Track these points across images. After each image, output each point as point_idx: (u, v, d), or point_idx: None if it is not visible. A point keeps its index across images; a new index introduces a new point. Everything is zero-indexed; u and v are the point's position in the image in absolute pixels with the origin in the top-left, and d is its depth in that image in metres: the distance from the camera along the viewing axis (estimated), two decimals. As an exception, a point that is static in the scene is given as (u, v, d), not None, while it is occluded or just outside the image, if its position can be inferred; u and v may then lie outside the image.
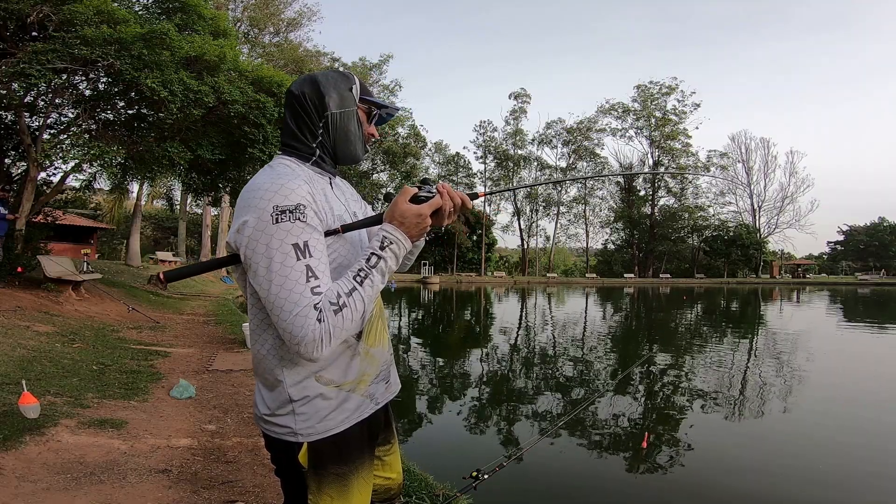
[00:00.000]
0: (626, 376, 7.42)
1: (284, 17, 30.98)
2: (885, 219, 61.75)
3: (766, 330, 14.06)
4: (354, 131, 1.15)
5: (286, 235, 0.95)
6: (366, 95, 1.17)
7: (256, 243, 0.96)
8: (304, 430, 1.04)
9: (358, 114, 1.15)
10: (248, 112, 9.59)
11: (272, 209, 0.95)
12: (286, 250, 0.94)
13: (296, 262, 0.94)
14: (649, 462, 4.34)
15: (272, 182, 0.99)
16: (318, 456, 1.05)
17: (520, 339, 12.07)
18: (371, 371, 1.13)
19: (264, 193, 0.98)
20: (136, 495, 2.59)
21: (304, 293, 0.93)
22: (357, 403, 1.10)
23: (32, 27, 8.28)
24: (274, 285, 0.94)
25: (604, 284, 45.88)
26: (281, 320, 0.94)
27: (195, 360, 6.12)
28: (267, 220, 0.95)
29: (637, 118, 55.64)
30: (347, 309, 0.95)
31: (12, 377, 4.21)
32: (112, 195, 26.20)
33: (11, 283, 8.68)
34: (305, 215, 0.97)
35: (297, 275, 0.94)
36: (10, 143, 10.33)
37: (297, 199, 0.97)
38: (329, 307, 0.94)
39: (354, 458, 1.10)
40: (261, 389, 1.10)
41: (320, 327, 0.92)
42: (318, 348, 0.93)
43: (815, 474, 4.12)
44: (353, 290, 0.96)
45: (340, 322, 0.94)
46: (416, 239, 1.06)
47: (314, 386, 1.05)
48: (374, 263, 1.00)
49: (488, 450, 4.53)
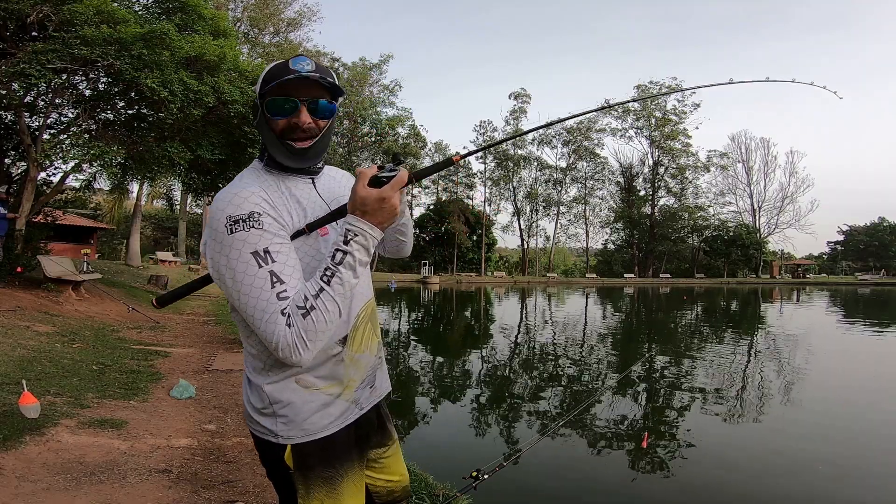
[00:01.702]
0: (625, 376, 7.42)
1: (284, 17, 31.01)
2: (885, 219, 61.79)
3: (765, 330, 14.06)
4: (266, 135, 1.05)
5: (243, 245, 0.93)
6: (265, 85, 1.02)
7: (218, 256, 0.95)
8: (285, 432, 1.04)
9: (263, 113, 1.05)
10: (248, 112, 9.58)
11: (226, 220, 0.94)
12: (246, 259, 0.93)
13: (258, 270, 0.93)
14: (649, 462, 4.34)
15: (227, 192, 0.98)
16: (302, 458, 1.04)
17: (520, 339, 12.07)
18: (356, 377, 1.11)
19: (218, 204, 0.97)
20: (136, 495, 2.59)
21: (270, 300, 0.92)
22: (342, 409, 1.08)
23: (32, 27, 8.28)
24: (242, 295, 0.93)
25: (604, 284, 45.89)
26: (255, 328, 0.94)
27: (195, 360, 6.12)
28: (223, 232, 0.94)
29: (637, 118, 55.61)
30: (317, 311, 0.91)
31: (12, 377, 4.21)
32: (112, 195, 26.20)
33: (11, 283, 8.68)
34: (261, 222, 0.95)
35: (261, 282, 0.92)
36: (10, 143, 10.34)
37: (250, 206, 0.95)
38: (297, 311, 0.91)
39: (342, 461, 1.08)
40: (246, 389, 1.10)
41: (291, 332, 0.90)
42: (296, 353, 0.91)
43: (814, 474, 4.12)
44: (321, 291, 0.92)
45: (311, 325, 0.91)
46: (385, 225, 0.97)
47: (294, 388, 1.03)
48: (339, 260, 0.94)
49: (488, 450, 4.53)
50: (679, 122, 54.51)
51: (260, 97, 1.05)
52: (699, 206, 56.17)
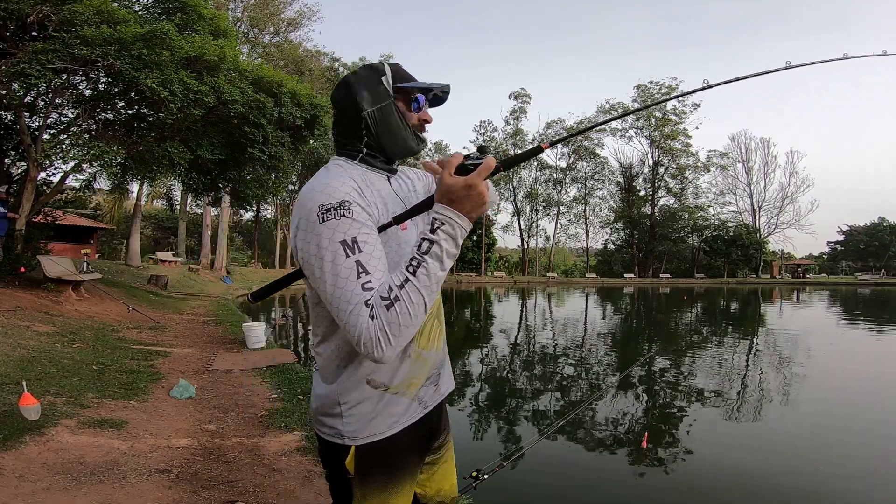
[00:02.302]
0: (625, 376, 7.42)
1: (284, 17, 30.99)
2: (885, 219, 61.76)
3: (765, 330, 14.06)
4: (396, 124, 1.09)
5: (333, 233, 0.94)
6: (401, 82, 1.11)
7: (308, 245, 0.95)
8: (350, 433, 1.04)
9: (396, 105, 1.09)
10: (248, 112, 9.60)
11: (317, 209, 0.95)
12: (335, 248, 0.93)
13: (345, 260, 0.93)
14: (649, 462, 4.34)
15: (318, 182, 1.00)
16: (363, 462, 1.05)
17: (520, 339, 12.07)
18: (421, 374, 1.11)
19: (310, 194, 0.98)
20: (136, 495, 2.59)
21: (356, 290, 0.91)
22: (405, 407, 1.08)
23: (32, 27, 8.29)
24: (328, 285, 0.93)
25: (604, 284, 45.88)
26: (340, 320, 0.93)
27: (195, 360, 6.12)
28: (314, 221, 0.95)
29: (637, 118, 55.59)
30: (401, 302, 0.89)
31: (12, 377, 4.21)
32: (112, 195, 26.21)
33: (11, 283, 8.68)
34: (351, 211, 0.96)
35: (348, 272, 0.92)
36: (10, 143, 10.34)
37: (341, 195, 0.96)
38: (380, 302, 0.90)
39: (400, 465, 1.09)
40: (316, 389, 1.11)
41: (374, 324, 0.89)
42: (377, 348, 0.89)
43: (814, 474, 4.12)
44: (406, 282, 0.91)
45: (395, 317, 0.89)
46: (473, 213, 0.95)
47: (364, 389, 1.04)
48: (425, 249, 0.92)
49: (488, 450, 4.53)
50: (679, 122, 54.51)
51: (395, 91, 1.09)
52: (699, 206, 56.15)
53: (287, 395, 4.69)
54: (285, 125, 10.69)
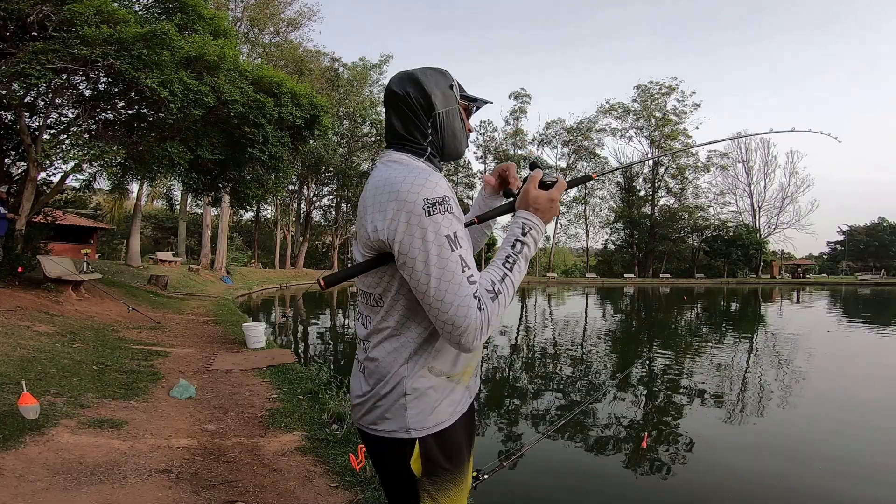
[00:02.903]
0: (625, 376, 7.42)
1: (284, 17, 30.96)
2: (885, 219, 61.77)
3: (765, 330, 14.06)
4: (459, 128, 1.16)
5: (439, 227, 0.96)
6: (463, 92, 1.19)
7: (412, 238, 0.96)
8: (416, 423, 1.04)
9: (460, 111, 1.17)
10: (248, 112, 9.59)
11: (423, 202, 0.96)
12: (441, 242, 0.95)
13: (451, 254, 0.96)
14: (649, 462, 4.34)
15: (416, 175, 1.00)
16: (430, 459, 1.04)
17: (520, 339, 12.07)
18: (474, 362, 1.15)
19: (411, 186, 0.98)
20: (136, 495, 2.58)
21: (463, 283, 0.95)
22: (461, 394, 1.11)
23: (32, 27, 8.29)
24: (433, 278, 0.95)
25: (604, 284, 45.88)
26: (442, 312, 0.95)
27: (195, 360, 6.12)
28: (420, 214, 0.96)
29: (637, 118, 55.58)
30: (503, 295, 0.97)
31: (12, 377, 4.21)
32: (112, 195, 26.20)
33: (11, 283, 8.68)
34: (451, 206, 0.99)
35: (454, 266, 0.95)
36: (10, 143, 10.34)
37: (443, 191, 0.99)
38: (486, 295, 0.96)
39: (461, 457, 1.10)
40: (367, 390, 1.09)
41: (481, 315, 0.94)
42: (479, 337, 0.95)
43: (814, 474, 4.12)
44: (505, 277, 0.99)
45: (497, 309, 0.96)
46: (549, 223, 1.08)
47: (428, 378, 1.06)
48: (519, 249, 1.02)
49: (488, 450, 4.53)
50: (679, 123, 54.50)
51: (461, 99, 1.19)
52: (699, 206, 56.12)
53: (287, 395, 4.69)
54: (285, 125, 10.69)
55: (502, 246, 1.04)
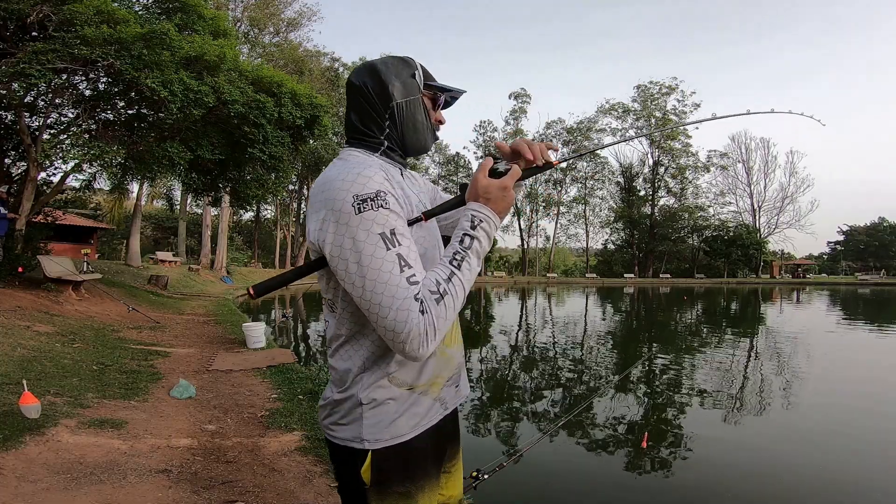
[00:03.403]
0: (625, 376, 7.42)
1: (284, 17, 30.98)
2: (885, 219, 61.75)
3: (766, 330, 14.06)
4: (422, 120, 1.08)
5: (371, 225, 0.88)
6: (430, 80, 1.10)
7: (342, 238, 0.89)
8: (371, 435, 0.97)
9: (424, 101, 1.08)
10: (248, 112, 9.60)
11: (352, 199, 0.89)
12: (374, 241, 0.88)
13: (386, 253, 0.88)
14: (649, 462, 4.34)
15: (347, 172, 0.93)
16: (381, 470, 0.98)
17: (520, 339, 12.07)
18: (446, 373, 1.07)
19: (342, 184, 0.92)
20: (136, 495, 2.59)
21: (401, 284, 0.87)
22: (427, 407, 1.03)
23: (32, 27, 8.29)
24: (367, 281, 0.87)
25: (604, 284, 45.88)
26: (381, 318, 0.87)
27: (195, 360, 6.12)
28: (349, 212, 0.89)
29: (637, 118, 55.62)
30: (449, 297, 0.88)
31: (12, 377, 4.21)
32: (112, 195, 26.20)
33: (11, 283, 8.69)
34: (387, 201, 0.91)
35: (390, 265, 0.87)
36: (10, 143, 10.35)
37: (376, 185, 0.91)
38: (430, 296, 0.87)
39: (421, 474, 1.02)
40: (330, 395, 1.04)
41: (424, 319, 0.85)
42: (425, 343, 0.86)
43: (814, 475, 4.12)
44: (452, 276, 0.90)
45: (443, 311, 0.87)
46: (502, 215, 0.97)
47: (387, 388, 0.98)
48: (468, 244, 0.93)
49: (488, 450, 4.53)
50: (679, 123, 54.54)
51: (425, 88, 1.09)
52: (699, 206, 56.18)
53: (287, 395, 4.69)
54: (285, 125, 10.70)
55: (451, 242, 0.95)
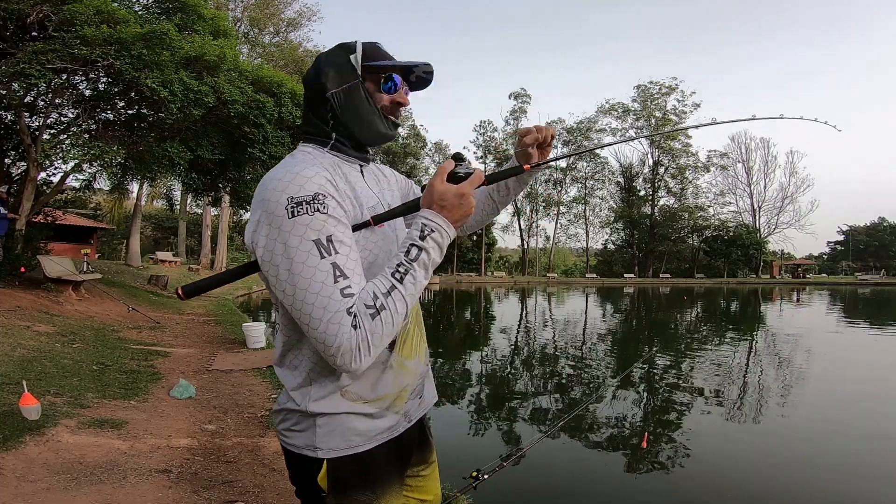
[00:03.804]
0: (625, 376, 7.42)
1: (284, 17, 30.97)
2: (885, 219, 61.79)
3: (766, 330, 14.06)
4: (365, 107, 0.99)
5: (305, 230, 0.83)
6: (372, 60, 0.99)
7: (274, 243, 0.84)
8: (325, 444, 0.93)
9: (365, 86, 0.99)
10: (248, 112, 9.60)
11: (286, 202, 0.84)
12: (307, 248, 0.83)
13: (320, 261, 0.82)
14: (649, 462, 4.34)
15: (286, 171, 0.88)
16: (338, 479, 0.94)
17: (520, 338, 12.07)
18: (409, 386, 1.02)
19: (277, 184, 0.86)
20: (136, 495, 2.59)
21: (334, 296, 0.81)
22: (388, 422, 0.98)
23: (32, 27, 8.29)
24: (298, 290, 0.82)
25: (604, 284, 45.87)
26: (311, 329, 0.82)
27: (195, 360, 6.12)
28: (282, 216, 0.84)
29: (637, 118, 55.60)
30: (386, 312, 0.82)
31: (12, 377, 4.21)
32: (112, 195, 26.21)
33: (11, 283, 8.68)
34: (326, 205, 0.85)
35: (323, 275, 0.82)
36: (10, 143, 10.34)
37: (314, 187, 0.85)
38: (365, 311, 0.81)
39: (381, 483, 0.98)
40: (283, 402, 1.00)
41: (356, 334, 0.80)
42: (357, 359, 0.81)
43: (814, 475, 4.12)
44: (392, 290, 0.83)
45: (379, 327, 0.81)
46: (459, 223, 0.90)
47: (341, 402, 0.93)
48: (414, 256, 0.85)
49: (488, 450, 4.53)
50: (679, 123, 54.52)
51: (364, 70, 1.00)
52: (699, 206, 56.17)
53: (287, 395, 4.68)
54: (285, 125, 10.70)
55: (397, 251, 0.88)
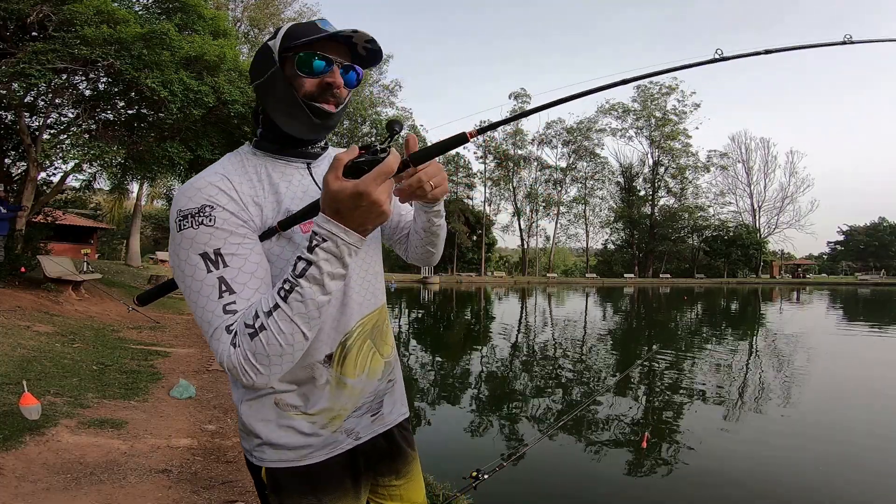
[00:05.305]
0: (625, 376, 7.42)
1: (284, 17, 30.97)
2: (885, 219, 61.80)
3: (765, 330, 14.06)
4: (284, 96, 0.88)
5: (191, 244, 0.79)
6: (292, 40, 0.87)
7: (171, 255, 0.83)
8: (259, 454, 0.92)
9: (284, 72, 0.88)
10: (248, 112, 9.60)
11: (176, 214, 0.81)
12: (194, 262, 0.79)
13: (206, 276, 0.79)
14: (649, 462, 4.34)
15: (187, 183, 0.86)
16: (276, 483, 0.92)
17: (520, 339, 12.07)
18: (348, 405, 0.95)
19: (176, 196, 0.85)
20: (136, 495, 2.59)
21: (216, 312, 0.78)
22: (325, 441, 0.93)
23: (32, 27, 8.29)
24: (190, 302, 0.80)
25: (604, 284, 45.88)
26: (207, 340, 0.80)
27: (195, 360, 6.12)
28: (173, 229, 0.82)
29: (637, 118, 55.64)
30: (268, 332, 0.74)
31: (12, 377, 4.21)
32: (112, 195, 26.22)
33: (11, 283, 8.69)
34: (212, 217, 0.80)
35: (209, 290, 0.78)
36: (10, 143, 10.34)
37: (202, 199, 0.81)
38: (243, 330, 0.75)
39: (327, 490, 0.94)
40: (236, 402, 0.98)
41: (236, 353, 0.75)
42: (246, 376, 0.75)
43: (815, 474, 4.12)
44: (275, 309, 0.74)
45: (261, 348, 0.74)
46: (368, 228, 0.75)
47: (270, 408, 0.91)
48: (300, 271, 0.74)
49: (488, 450, 4.53)
50: (679, 123, 54.56)
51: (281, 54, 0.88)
52: (699, 206, 56.21)
53: (287, 395, 4.68)
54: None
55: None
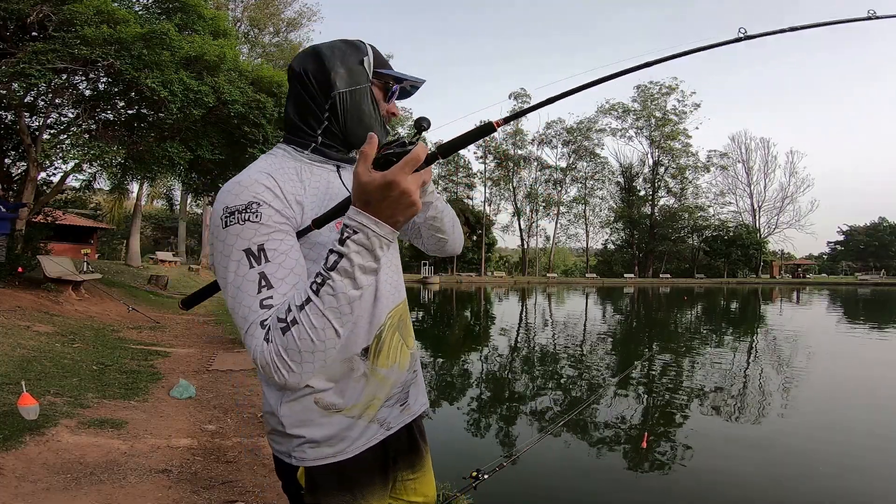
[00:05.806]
0: (625, 376, 7.42)
1: (284, 17, 30.99)
2: (885, 219, 61.79)
3: (765, 330, 14.06)
4: (369, 112, 0.98)
5: (236, 240, 0.82)
6: (381, 68, 1.00)
7: (215, 252, 0.85)
8: (299, 454, 0.93)
9: (372, 91, 0.98)
10: (248, 112, 9.60)
11: (222, 211, 0.84)
12: (238, 257, 0.81)
13: (248, 271, 0.80)
14: (649, 462, 4.35)
15: (232, 181, 0.88)
16: (314, 482, 0.94)
17: (520, 339, 12.07)
18: (381, 394, 0.98)
19: (220, 194, 0.87)
20: (136, 495, 2.59)
21: (253, 307, 0.79)
22: (361, 431, 0.96)
23: (32, 27, 8.29)
24: (230, 298, 0.81)
25: (604, 284, 45.88)
26: (242, 337, 0.81)
27: (195, 360, 6.12)
28: (218, 225, 0.84)
29: (637, 118, 55.63)
30: (300, 326, 0.74)
31: (12, 377, 4.21)
32: (112, 195, 26.21)
33: (11, 283, 8.69)
34: (259, 214, 0.83)
35: (249, 286, 0.80)
36: (10, 143, 10.34)
37: (249, 196, 0.84)
38: (276, 325, 0.76)
39: (361, 486, 0.97)
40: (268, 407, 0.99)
41: (269, 348, 0.75)
42: (278, 374, 0.76)
43: (815, 475, 4.12)
44: (307, 303, 0.75)
45: (293, 343, 0.74)
46: (399, 220, 0.75)
47: (311, 409, 0.92)
48: (332, 264, 0.74)
49: (488, 450, 4.54)
50: (679, 123, 54.57)
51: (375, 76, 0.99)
52: (699, 206, 56.22)
53: (287, 395, 4.68)
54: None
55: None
